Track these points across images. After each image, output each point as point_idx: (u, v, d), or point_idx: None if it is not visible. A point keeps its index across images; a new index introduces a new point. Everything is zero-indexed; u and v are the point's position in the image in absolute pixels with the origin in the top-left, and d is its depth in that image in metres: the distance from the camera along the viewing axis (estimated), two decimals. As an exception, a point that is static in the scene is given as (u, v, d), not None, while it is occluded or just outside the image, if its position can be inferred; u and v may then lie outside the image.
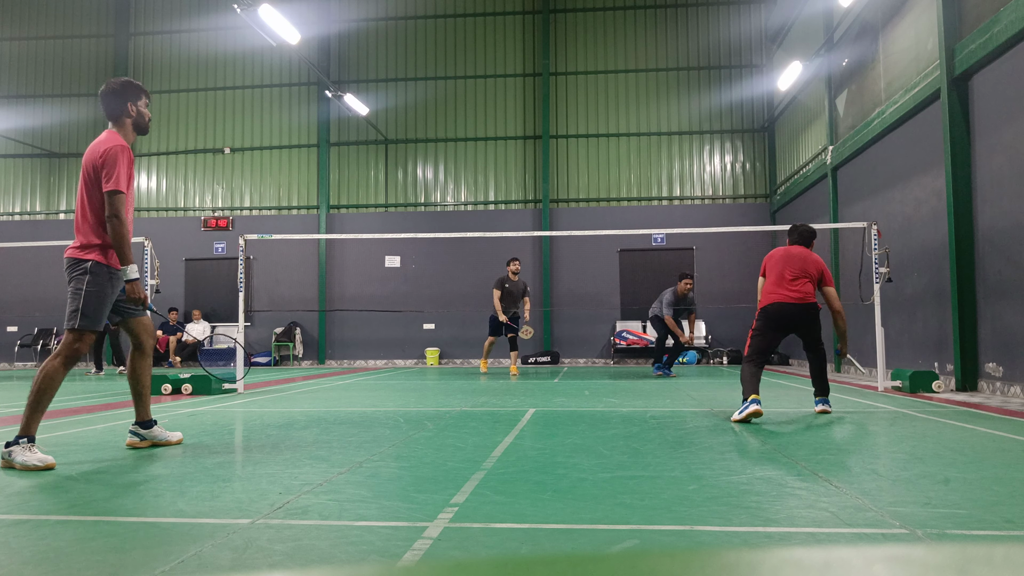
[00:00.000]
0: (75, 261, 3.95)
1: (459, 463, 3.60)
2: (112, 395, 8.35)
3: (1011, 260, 7.57)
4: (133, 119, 4.16)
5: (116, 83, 4.14)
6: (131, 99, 4.14)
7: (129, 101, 4.14)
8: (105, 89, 4.13)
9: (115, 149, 3.93)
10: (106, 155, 3.92)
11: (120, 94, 4.12)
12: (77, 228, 4.01)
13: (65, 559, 2.06)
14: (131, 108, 4.14)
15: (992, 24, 7.67)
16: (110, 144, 3.96)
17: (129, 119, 4.15)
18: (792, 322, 5.78)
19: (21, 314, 18.69)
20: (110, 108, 4.12)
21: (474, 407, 6.50)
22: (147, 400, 4.28)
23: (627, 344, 16.90)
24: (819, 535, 2.30)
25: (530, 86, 18.47)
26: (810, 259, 5.87)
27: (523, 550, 2.15)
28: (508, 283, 11.82)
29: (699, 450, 3.96)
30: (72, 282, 3.95)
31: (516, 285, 11.88)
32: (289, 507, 2.69)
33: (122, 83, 4.14)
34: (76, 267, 3.95)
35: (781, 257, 5.90)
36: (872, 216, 11.05)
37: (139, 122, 4.19)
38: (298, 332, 18.02)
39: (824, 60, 13.46)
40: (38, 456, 3.60)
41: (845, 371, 12.75)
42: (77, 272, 3.94)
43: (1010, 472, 3.28)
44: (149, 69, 19.44)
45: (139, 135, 4.24)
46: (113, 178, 3.89)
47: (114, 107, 4.12)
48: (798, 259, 5.85)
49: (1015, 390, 7.49)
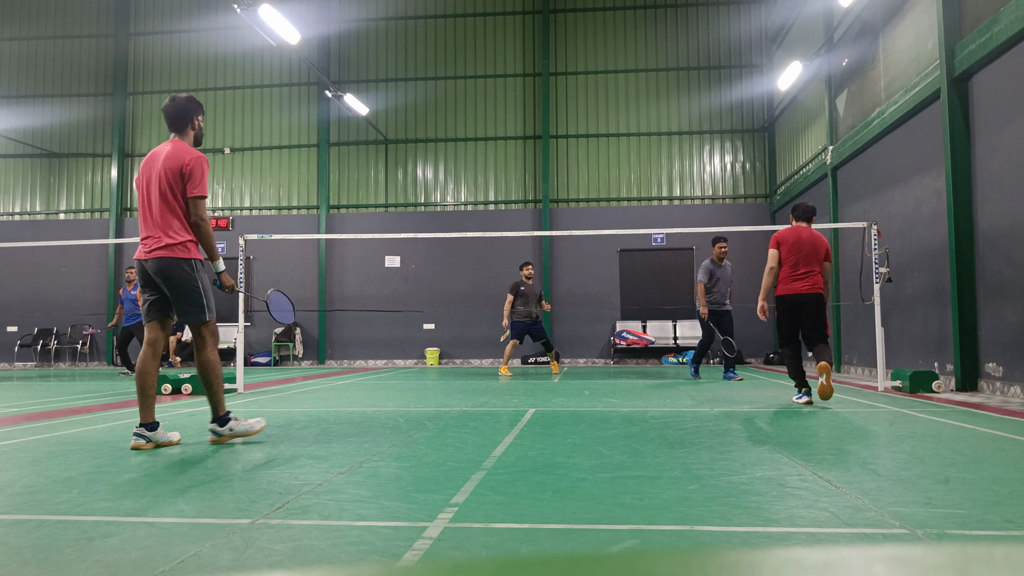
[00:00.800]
0: (179, 260, 4.27)
1: (459, 463, 3.60)
2: (112, 395, 8.35)
3: (1011, 260, 7.57)
4: (195, 132, 4.56)
5: (182, 99, 4.50)
6: (195, 114, 4.53)
7: (194, 116, 4.53)
8: (172, 104, 4.47)
9: (200, 159, 4.34)
10: (193, 164, 4.31)
11: (187, 109, 4.49)
12: (157, 228, 4.29)
13: (65, 559, 2.06)
14: (195, 122, 4.54)
15: (992, 24, 7.67)
16: (194, 154, 4.35)
17: (192, 132, 4.54)
18: (801, 311, 6.57)
19: (21, 314, 18.70)
20: (177, 121, 4.47)
21: (474, 407, 6.50)
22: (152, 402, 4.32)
23: (627, 344, 16.90)
24: (819, 535, 2.29)
25: (530, 86, 18.47)
26: (818, 242, 6.60)
27: (523, 550, 2.15)
28: (523, 286, 11.91)
29: (699, 450, 3.96)
30: (181, 281, 4.28)
31: (532, 288, 11.97)
32: (289, 507, 2.69)
33: (187, 98, 4.52)
34: (183, 266, 4.28)
35: (794, 243, 6.58)
36: (872, 216, 11.05)
37: (199, 135, 4.59)
38: (298, 332, 18.02)
39: (824, 60, 13.46)
40: (248, 423, 4.43)
41: (845, 371, 12.75)
42: (186, 270, 4.29)
43: (1010, 472, 3.28)
44: (149, 69, 19.44)
45: (196, 146, 4.58)
46: (200, 184, 4.32)
47: (181, 120, 4.48)
48: (808, 245, 6.56)
49: (1015, 390, 7.49)
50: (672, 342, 17.02)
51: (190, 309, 4.31)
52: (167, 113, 4.48)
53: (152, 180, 4.33)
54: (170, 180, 4.29)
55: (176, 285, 4.28)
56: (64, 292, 18.68)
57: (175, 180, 4.30)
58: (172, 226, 4.28)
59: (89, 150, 19.47)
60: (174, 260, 4.26)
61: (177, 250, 4.26)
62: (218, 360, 4.43)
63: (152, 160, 4.40)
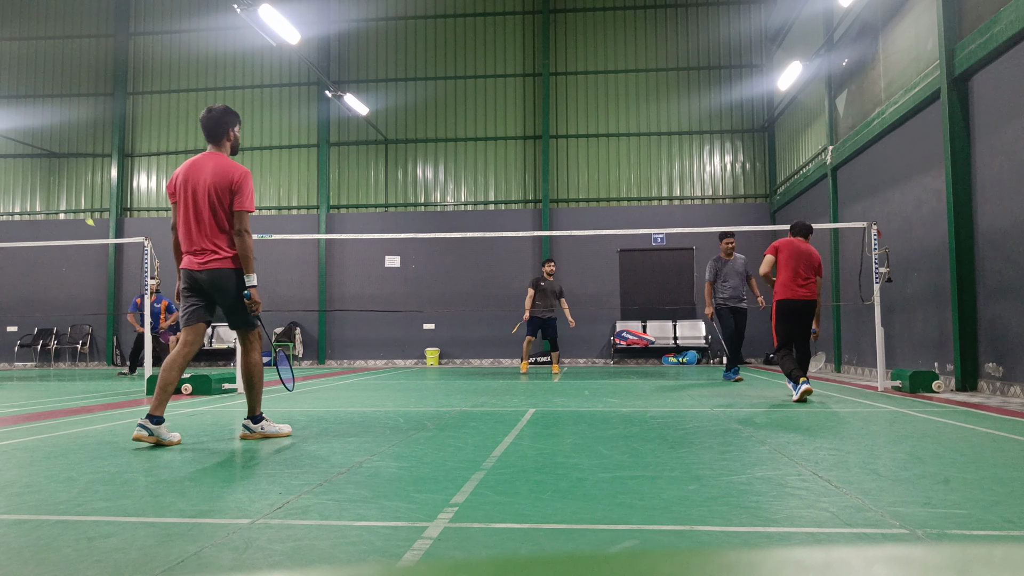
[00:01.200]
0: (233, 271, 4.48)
1: (459, 463, 3.60)
2: (112, 395, 8.35)
3: (1011, 260, 7.57)
4: (231, 143, 4.67)
5: (219, 109, 4.60)
6: (232, 124, 4.64)
7: (230, 126, 4.63)
8: (209, 115, 4.58)
9: (247, 174, 4.51)
10: (242, 178, 4.47)
11: (224, 120, 4.60)
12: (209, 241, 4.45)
13: (65, 559, 2.06)
14: (231, 133, 4.65)
15: (992, 24, 7.67)
16: (241, 169, 4.51)
17: (229, 142, 4.66)
18: (801, 314, 7.12)
19: (21, 314, 18.70)
20: (215, 132, 4.59)
21: (474, 407, 6.50)
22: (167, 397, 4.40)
23: (627, 344, 16.90)
24: (819, 535, 2.30)
25: (530, 86, 18.47)
26: (814, 254, 7.21)
27: (523, 550, 2.15)
28: (543, 282, 12.04)
29: (699, 450, 3.96)
30: (236, 291, 4.50)
31: (551, 285, 12.07)
32: (289, 507, 2.69)
33: (224, 109, 4.62)
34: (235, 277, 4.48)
35: (793, 253, 7.12)
36: (872, 216, 11.05)
37: (235, 145, 4.71)
38: (298, 332, 18.02)
39: (824, 60, 13.46)
40: (277, 427, 4.63)
41: (845, 371, 12.75)
42: (237, 281, 4.49)
43: (1010, 472, 3.28)
44: (149, 69, 19.44)
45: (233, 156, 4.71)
46: (248, 199, 4.49)
47: (219, 131, 4.59)
48: (806, 255, 7.14)
49: (1015, 390, 7.49)
50: (672, 342, 17.02)
51: (243, 317, 4.56)
52: (205, 124, 4.58)
53: (199, 193, 4.44)
54: (220, 194, 4.44)
55: (231, 295, 4.49)
56: (64, 292, 18.68)
57: (224, 194, 4.44)
58: (224, 239, 4.46)
59: (89, 150, 19.47)
60: (230, 271, 4.46)
61: (231, 262, 4.47)
62: (262, 363, 4.67)
63: (196, 171, 4.48)
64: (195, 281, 4.50)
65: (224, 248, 4.45)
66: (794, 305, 7.08)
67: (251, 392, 4.61)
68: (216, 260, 4.44)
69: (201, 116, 4.62)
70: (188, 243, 4.49)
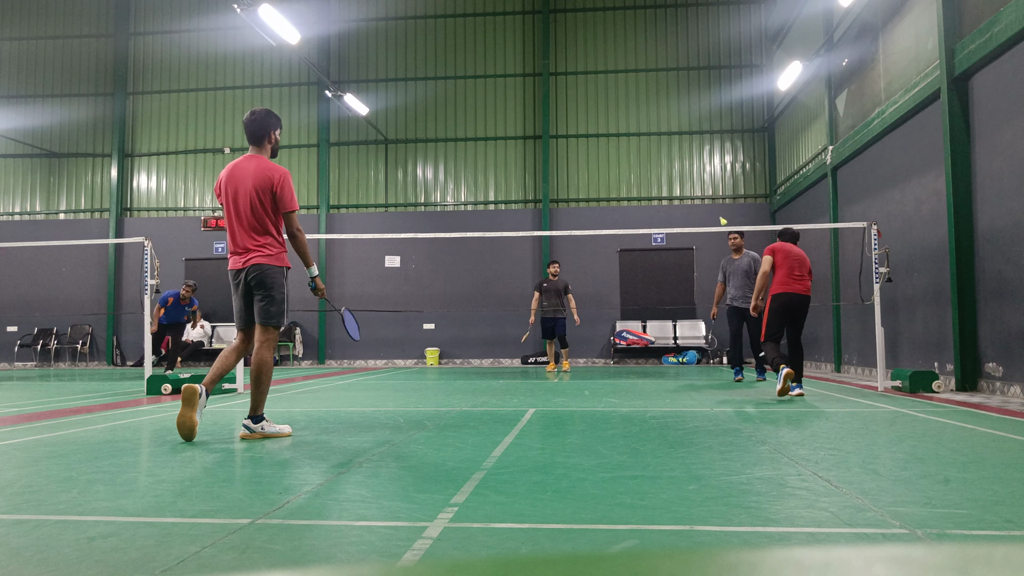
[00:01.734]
0: (275, 268, 4.64)
1: (459, 463, 3.60)
2: (112, 395, 8.35)
3: (1011, 260, 7.57)
4: (272, 145, 4.79)
5: (261, 112, 4.72)
6: (274, 127, 4.76)
7: (272, 129, 4.75)
8: (252, 118, 4.71)
9: (287, 175, 4.66)
10: (283, 179, 4.62)
11: (266, 123, 4.72)
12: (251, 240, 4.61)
13: (65, 559, 2.06)
14: (272, 136, 4.76)
15: (992, 24, 7.67)
16: (280, 170, 4.63)
17: (271, 144, 4.78)
18: (796, 310, 7.36)
19: (21, 314, 18.69)
20: (257, 134, 4.71)
21: (474, 407, 6.50)
22: (262, 394, 4.70)
23: (627, 344, 16.90)
24: (819, 535, 2.29)
25: (530, 86, 18.47)
26: (805, 257, 7.55)
27: (523, 550, 2.15)
28: (546, 283, 12.30)
29: (699, 450, 3.96)
30: (273, 284, 4.62)
31: (555, 284, 12.26)
32: (289, 507, 2.69)
33: (266, 112, 4.74)
34: (277, 273, 4.64)
35: (788, 254, 7.44)
36: (872, 216, 11.05)
37: (275, 148, 4.83)
38: (298, 332, 18.02)
39: (824, 60, 13.46)
40: (278, 427, 4.65)
41: (845, 371, 12.75)
42: (278, 277, 4.65)
43: (1010, 472, 3.28)
44: (149, 69, 19.44)
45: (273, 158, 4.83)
46: (292, 200, 4.66)
47: (260, 134, 4.72)
48: (799, 257, 7.47)
49: (1015, 390, 7.49)
50: (672, 342, 17.02)
51: (272, 310, 4.64)
52: (248, 127, 4.70)
53: (241, 195, 4.60)
54: (261, 196, 4.59)
55: (268, 288, 4.62)
56: (64, 292, 18.67)
57: (266, 196, 4.59)
58: (267, 238, 4.62)
59: (89, 150, 19.47)
60: (271, 267, 4.62)
61: (273, 259, 4.63)
62: (272, 363, 4.71)
63: (239, 175, 4.63)
64: (240, 281, 4.66)
65: (266, 247, 4.61)
66: (790, 300, 7.31)
67: (257, 390, 4.63)
68: (257, 256, 4.60)
69: (244, 119, 4.73)
70: (233, 244, 4.67)
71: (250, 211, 4.59)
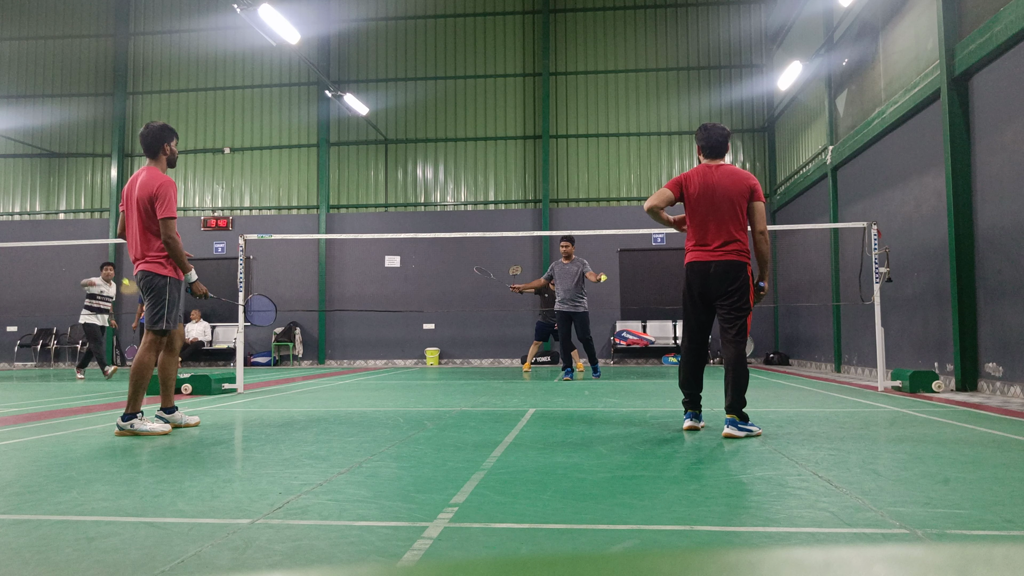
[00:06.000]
0: (156, 275, 4.92)
1: (459, 463, 3.60)
2: (113, 395, 8.35)
3: (1011, 260, 7.56)
4: (168, 157, 5.11)
5: (155, 126, 5.05)
6: (167, 140, 5.07)
7: (165, 142, 5.06)
8: (147, 131, 5.02)
9: (168, 183, 4.89)
10: (161, 187, 4.86)
11: (159, 136, 5.03)
12: (138, 248, 4.93)
13: (65, 559, 2.06)
14: (166, 148, 5.08)
15: (992, 24, 7.67)
16: (163, 179, 4.90)
17: (165, 156, 5.09)
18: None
19: (21, 314, 18.69)
20: (152, 147, 5.03)
21: (474, 407, 6.50)
22: (171, 390, 5.19)
23: (627, 344, 16.90)
24: (819, 535, 2.29)
25: (530, 86, 18.47)
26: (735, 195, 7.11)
27: (523, 550, 2.15)
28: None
29: (699, 450, 3.96)
30: (155, 291, 4.92)
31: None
32: (289, 507, 2.69)
33: (161, 126, 5.06)
34: (158, 280, 4.93)
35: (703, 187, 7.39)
36: (872, 216, 11.05)
37: (171, 159, 5.13)
38: (298, 332, 18.02)
39: (824, 60, 13.46)
40: (151, 424, 4.78)
41: (845, 371, 12.75)
42: (160, 283, 4.92)
43: (1010, 472, 3.28)
44: (149, 69, 19.44)
45: (170, 168, 5.18)
46: (168, 207, 4.85)
47: (154, 146, 5.04)
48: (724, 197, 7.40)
49: (1015, 390, 7.49)
50: (672, 342, 17.02)
51: (154, 315, 4.93)
52: (143, 140, 5.02)
53: (131, 204, 4.95)
54: (146, 205, 4.88)
55: (151, 294, 4.93)
56: (64, 292, 18.66)
57: (149, 205, 4.88)
58: (152, 246, 4.92)
59: (89, 150, 19.47)
60: (155, 275, 4.93)
61: (156, 266, 4.92)
62: (152, 365, 4.92)
63: (132, 186, 4.97)
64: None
65: (151, 253, 4.92)
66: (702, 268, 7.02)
67: (134, 390, 4.81)
68: (143, 264, 4.94)
69: (140, 132, 5.05)
70: (130, 251, 5.01)
71: (139, 220, 4.90)
